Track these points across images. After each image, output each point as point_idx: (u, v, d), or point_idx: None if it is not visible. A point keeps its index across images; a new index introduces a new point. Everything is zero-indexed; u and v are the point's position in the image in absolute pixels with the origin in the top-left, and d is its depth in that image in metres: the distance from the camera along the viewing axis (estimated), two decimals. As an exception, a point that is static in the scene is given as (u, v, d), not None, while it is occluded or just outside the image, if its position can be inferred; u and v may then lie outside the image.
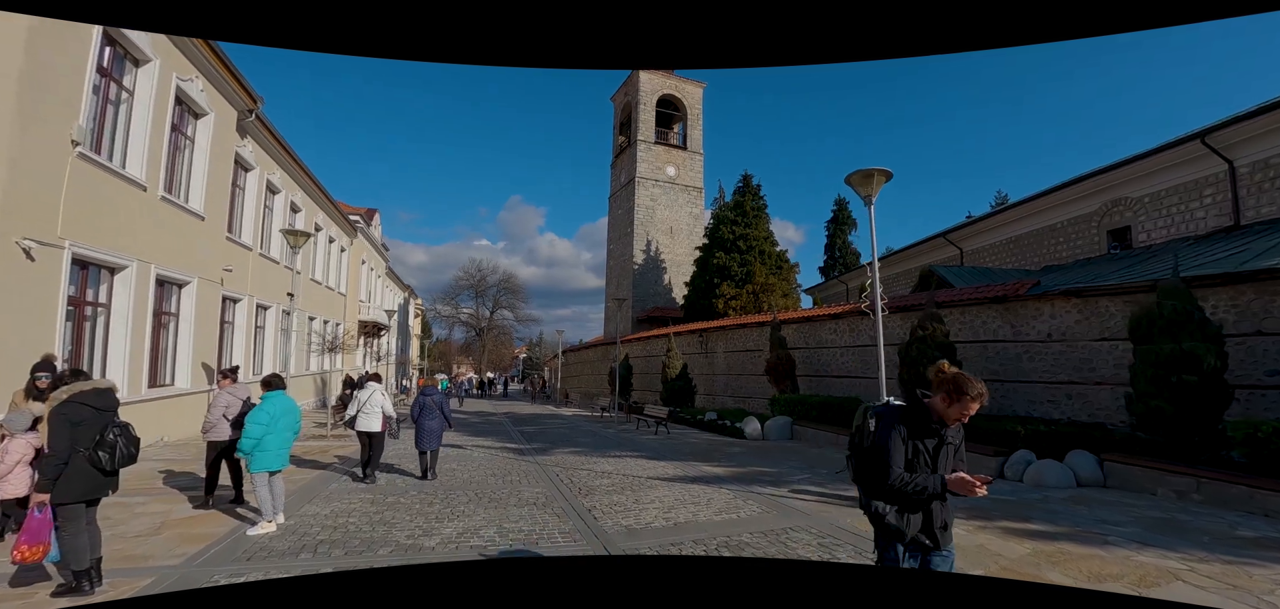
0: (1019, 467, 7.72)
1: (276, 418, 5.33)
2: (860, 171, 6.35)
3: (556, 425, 17.17)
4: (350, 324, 26.74)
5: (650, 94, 32.89)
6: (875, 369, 14.43)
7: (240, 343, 14.23)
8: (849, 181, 6.49)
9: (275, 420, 5.31)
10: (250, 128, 14.20)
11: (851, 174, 6.41)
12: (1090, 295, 10.25)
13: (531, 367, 71.22)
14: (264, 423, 5.23)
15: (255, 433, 5.19)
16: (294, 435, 5.56)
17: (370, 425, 7.75)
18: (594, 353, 34.16)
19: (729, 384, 19.91)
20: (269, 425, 5.25)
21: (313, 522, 5.48)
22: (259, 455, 5.19)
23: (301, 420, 5.78)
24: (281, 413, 5.40)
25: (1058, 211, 17.51)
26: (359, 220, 27.55)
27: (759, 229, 25.67)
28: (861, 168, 6.35)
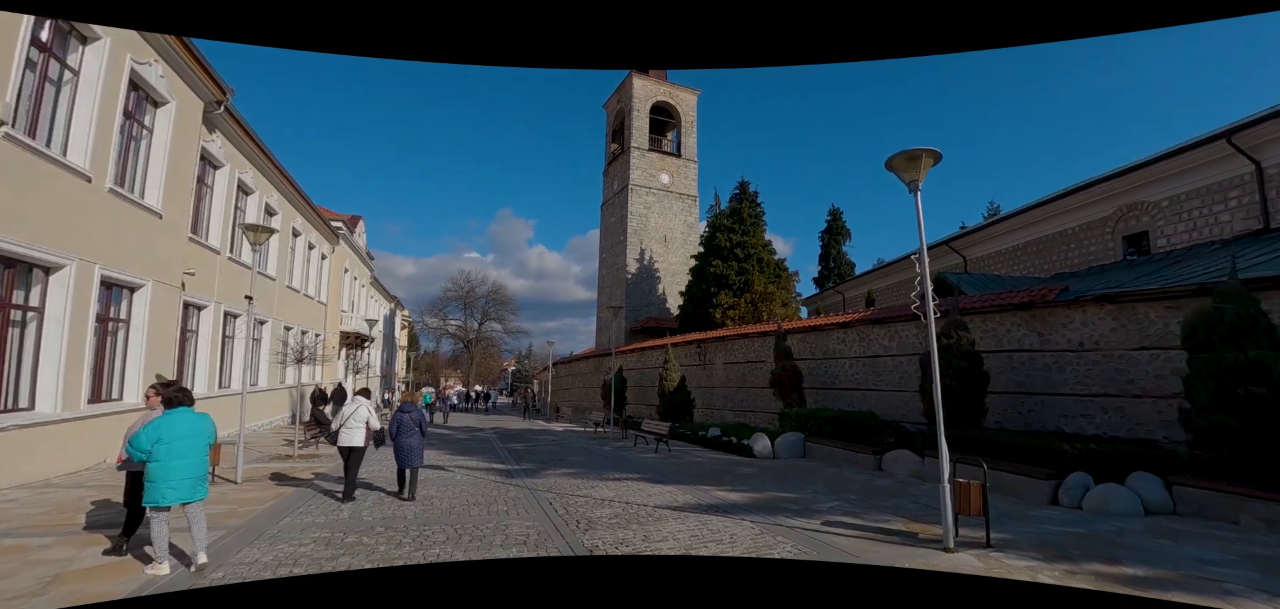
0: (1076, 492, 6.89)
1: (173, 441, 4.38)
2: (904, 154, 5.55)
3: (547, 442, 16.13)
4: (331, 335, 25.53)
5: (644, 100, 32.25)
6: (891, 380, 13.73)
7: (204, 353, 13.08)
8: (891, 166, 5.68)
9: (171, 444, 4.37)
10: (219, 121, 13.17)
11: (894, 157, 5.60)
12: (1127, 301, 9.54)
13: (520, 379, 69.87)
14: (147, 447, 4.32)
15: (141, 445, 4.34)
16: (201, 463, 4.60)
17: (353, 440, 7.45)
18: (586, 365, 33.13)
19: (729, 397, 19.03)
20: (162, 447, 4.32)
21: (246, 570, 4.48)
22: (148, 487, 4.31)
23: (214, 441, 4.84)
24: (180, 435, 4.46)
25: (1069, 217, 16.95)
26: (341, 227, 26.44)
27: (757, 237, 24.95)
28: (903, 150, 5.54)
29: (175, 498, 4.43)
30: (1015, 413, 10.76)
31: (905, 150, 5.57)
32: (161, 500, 4.34)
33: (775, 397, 14.87)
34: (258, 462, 9.98)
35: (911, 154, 5.54)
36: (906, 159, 5.57)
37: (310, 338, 19.32)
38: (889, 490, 8.23)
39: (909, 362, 12.79)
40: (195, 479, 4.58)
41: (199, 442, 4.69)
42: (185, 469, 4.52)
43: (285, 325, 18.98)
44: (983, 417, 10.05)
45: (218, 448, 7.45)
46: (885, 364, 13.41)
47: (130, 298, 10.06)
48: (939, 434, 5.34)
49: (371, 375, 26.21)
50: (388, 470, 8.74)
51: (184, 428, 4.60)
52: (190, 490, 4.53)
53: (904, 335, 13.02)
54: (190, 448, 4.60)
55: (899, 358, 13.06)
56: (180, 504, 4.43)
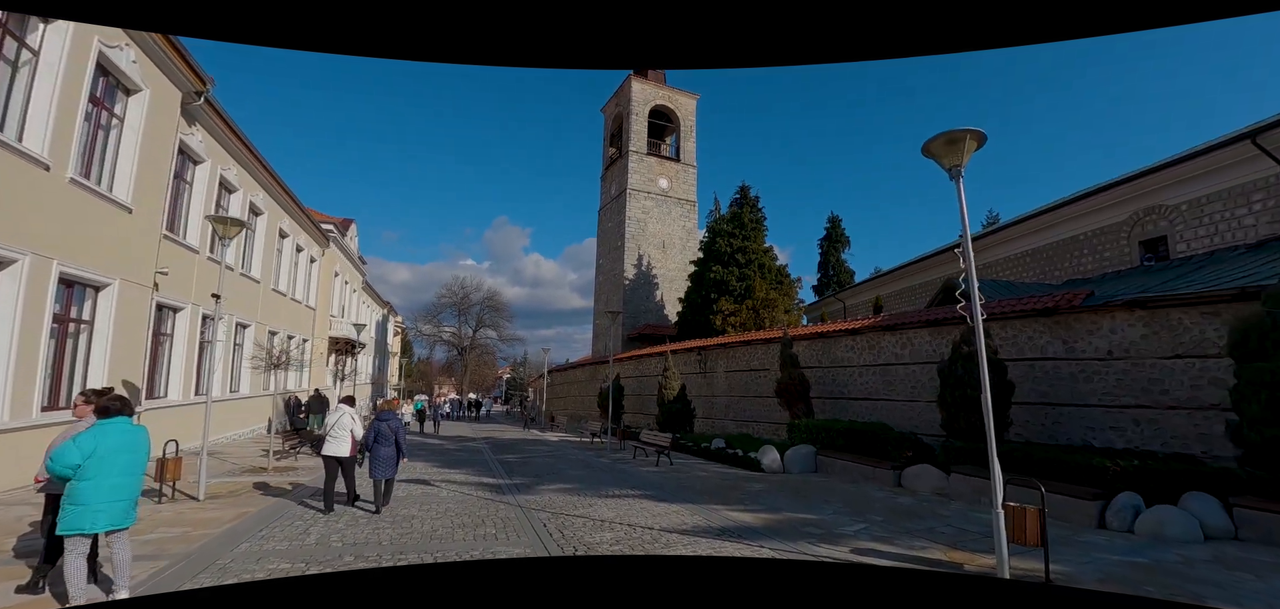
0: (1125, 513, 6.28)
1: (107, 456, 3.72)
2: (943, 136, 4.97)
3: (542, 454, 15.43)
4: (319, 340, 24.77)
5: (642, 104, 31.78)
6: (903, 390, 13.12)
7: (179, 358, 12.35)
8: (929, 151, 5.10)
9: (105, 459, 3.70)
10: (199, 114, 12.52)
11: (932, 140, 5.03)
12: (1159, 306, 8.99)
13: (515, 387, 68.99)
14: (76, 462, 3.65)
15: (69, 460, 3.65)
16: (136, 483, 3.94)
17: (338, 450, 7.32)
18: (582, 373, 32.41)
19: (731, 407, 18.38)
20: (94, 463, 3.66)
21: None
22: (69, 510, 3.62)
23: (148, 461, 4.14)
24: (116, 450, 3.80)
25: (1081, 222, 16.48)
26: (332, 230, 25.75)
27: (758, 242, 24.40)
28: (944, 130, 4.97)
29: (105, 523, 3.77)
30: (1038, 425, 10.18)
31: (945, 133, 4.99)
32: (87, 526, 3.68)
33: (781, 406, 14.24)
34: (228, 475, 9.26)
35: (952, 136, 4.96)
36: (946, 142, 4.99)
37: (290, 341, 18.56)
38: (915, 510, 7.60)
39: (923, 370, 12.20)
40: (129, 503, 3.92)
41: (136, 457, 4.03)
42: (120, 490, 3.86)
43: (270, 329, 18.25)
44: (1007, 429, 9.45)
45: (179, 462, 6.75)
46: (897, 373, 12.82)
47: (94, 297, 9.35)
48: (991, 452, 4.72)
49: (358, 382, 25.38)
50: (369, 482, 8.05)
51: (120, 441, 3.94)
52: (123, 515, 3.87)
53: (917, 343, 12.44)
54: (127, 465, 3.94)
55: (912, 367, 12.47)
56: (108, 531, 3.77)
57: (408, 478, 9.72)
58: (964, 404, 9.26)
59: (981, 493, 8.34)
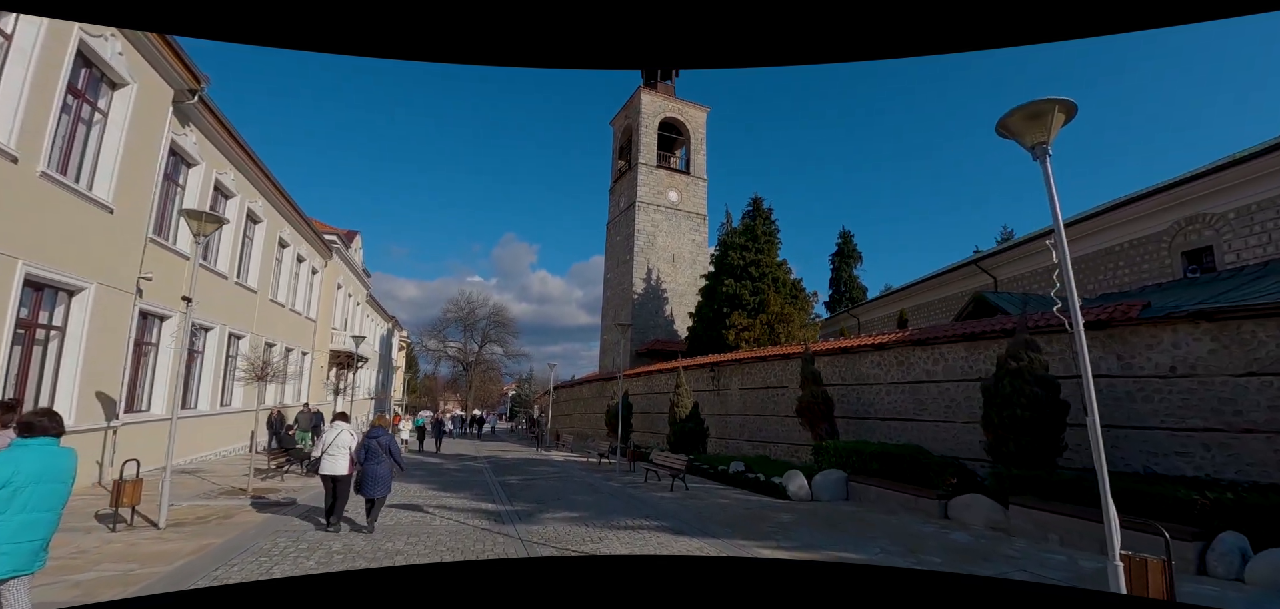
0: (1232, 558, 5.38)
1: (24, 487, 2.96)
2: (1023, 110, 4.21)
3: (546, 475, 14.57)
4: (319, 353, 24.14)
5: (652, 116, 31.33)
6: (936, 409, 12.19)
7: (164, 369, 11.67)
8: (1005, 128, 4.34)
9: (21, 491, 2.94)
10: (193, 113, 12.00)
11: (1010, 115, 4.26)
12: (1228, 318, 8.12)
13: (520, 404, 68.12)
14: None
15: None
16: (54, 520, 3.17)
17: (336, 468, 7.14)
18: (589, 390, 31.56)
19: (746, 426, 17.47)
20: (5, 494, 2.90)
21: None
22: None
23: (70, 491, 3.32)
24: (35, 478, 3.03)
25: (1116, 232, 15.63)
26: (336, 241, 25.24)
27: (771, 255, 23.63)
28: (1025, 102, 4.21)
29: (6, 568, 3.00)
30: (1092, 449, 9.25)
31: (1025, 105, 4.23)
32: None
33: (802, 426, 13.35)
34: (202, 497, 8.49)
35: (1034, 109, 4.20)
36: (1026, 117, 4.23)
37: (280, 352, 17.87)
38: (975, 550, 6.71)
39: (958, 388, 11.32)
40: (40, 544, 3.15)
41: (58, 489, 3.26)
42: (31, 528, 3.09)
43: (267, 341, 17.60)
44: (1061, 454, 8.55)
45: (138, 485, 5.99)
46: (929, 391, 11.93)
47: (68, 302, 8.70)
48: (1103, 490, 3.88)
49: (355, 398, 24.62)
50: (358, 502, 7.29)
51: (42, 468, 3.16)
52: (29, 559, 3.10)
53: (951, 359, 11.57)
54: (46, 498, 3.16)
55: (946, 384, 11.59)
56: (5, 578, 3.00)
57: (399, 502, 8.92)
58: (1013, 426, 8.37)
59: (1048, 529, 7.43)
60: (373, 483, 7.03)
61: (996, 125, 4.43)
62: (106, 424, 9.29)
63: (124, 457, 8.78)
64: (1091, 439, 3.89)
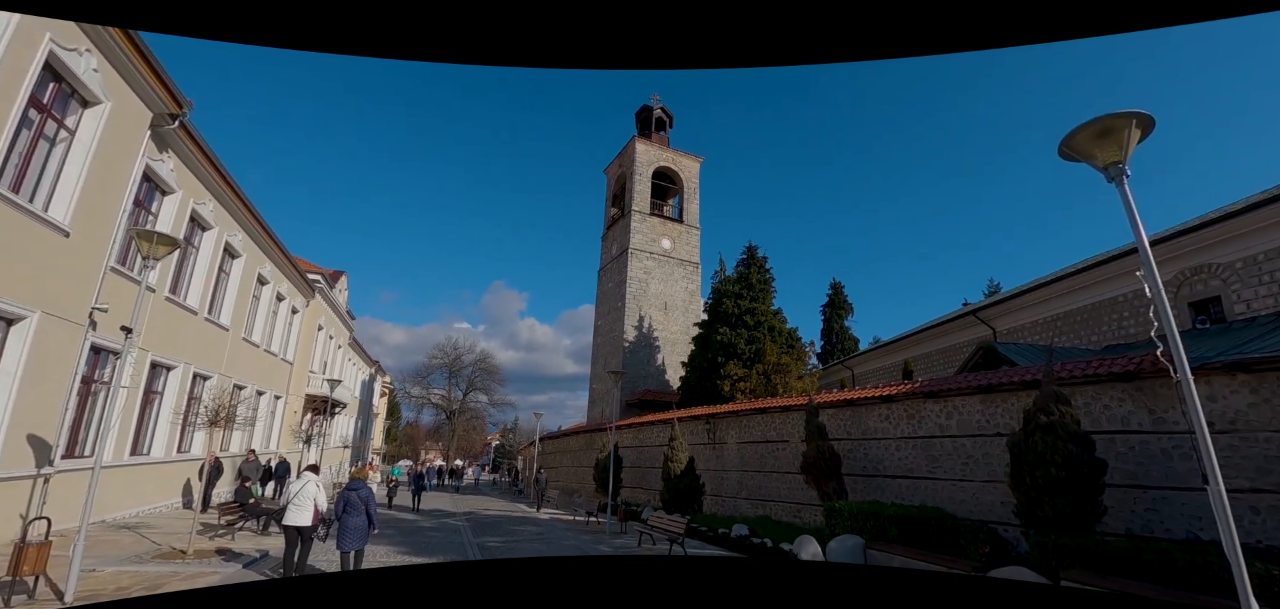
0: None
1: None
2: (1094, 126, 3.77)
3: (530, 537, 13.44)
4: (294, 398, 22.88)
5: (646, 165, 31.54)
6: (951, 467, 11.46)
7: (118, 408, 10.60)
8: (1069, 149, 3.88)
9: None
10: (172, 139, 11.44)
11: (1078, 132, 3.81)
12: (1267, 369, 7.66)
13: (504, 455, 65.79)
14: None
15: None
16: None
17: (299, 520, 7.06)
18: (576, 441, 30.29)
19: (745, 483, 16.51)
20: None
21: None
22: None
23: None
24: None
25: (1118, 283, 15.44)
26: (319, 280, 24.42)
27: (766, 303, 23.23)
28: (1094, 118, 3.77)
29: None
30: (1127, 511, 8.57)
31: (1096, 121, 3.79)
32: None
33: (807, 484, 12.51)
34: (135, 560, 7.37)
35: (1106, 125, 3.75)
36: (1098, 134, 3.78)
37: (247, 395, 16.72)
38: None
39: (975, 444, 10.66)
40: None
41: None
42: None
43: (236, 383, 16.50)
44: (1100, 518, 7.85)
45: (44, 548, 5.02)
46: (942, 447, 11.25)
47: (5, 331, 7.80)
48: (1238, 575, 3.21)
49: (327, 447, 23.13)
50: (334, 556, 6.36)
51: None
52: None
53: (966, 412, 10.96)
54: None
55: (961, 439, 10.93)
56: None
57: (365, 567, 7.88)
58: (1048, 487, 7.69)
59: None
60: (350, 536, 6.93)
61: (1060, 147, 3.98)
62: (36, 472, 8.22)
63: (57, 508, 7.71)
64: (1216, 509, 3.24)
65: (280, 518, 7.26)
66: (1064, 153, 3.94)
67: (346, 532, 6.89)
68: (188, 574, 6.56)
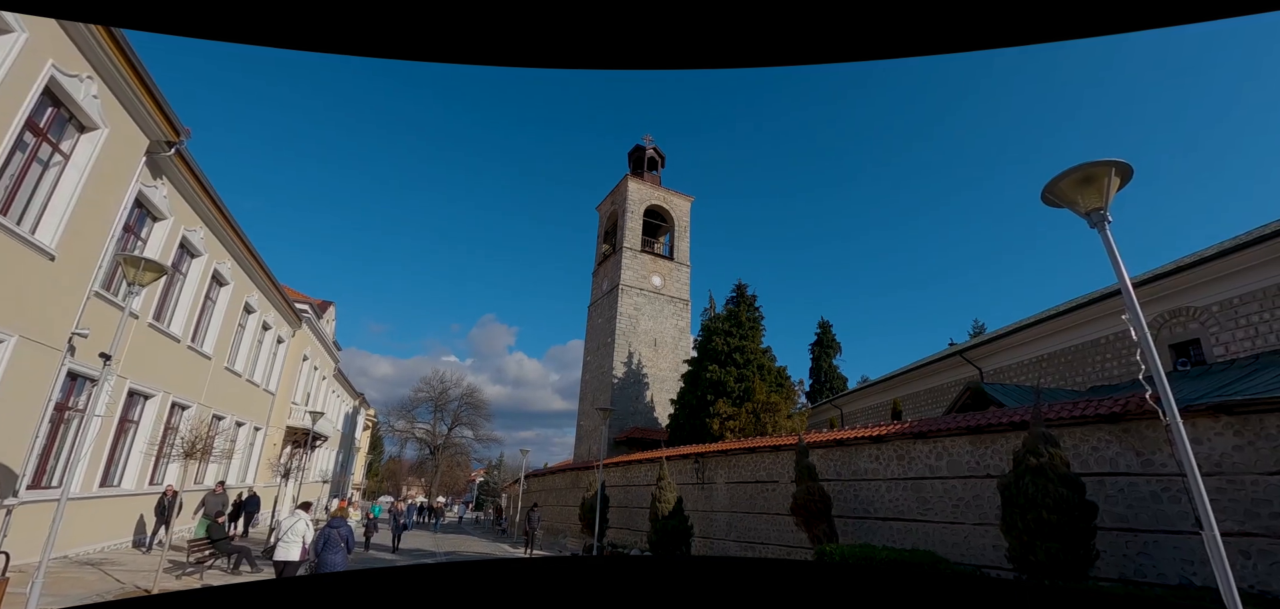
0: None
1: None
2: (1075, 173, 3.92)
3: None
4: (275, 430, 22.29)
5: (638, 203, 32.01)
6: (941, 510, 11.40)
7: (91, 437, 10.25)
8: (1053, 195, 4.03)
9: None
10: (167, 166, 11.45)
11: (1060, 180, 3.96)
12: (1250, 411, 7.79)
13: (488, 492, 64.21)
14: None
15: None
16: None
17: (288, 555, 7.47)
18: (562, 479, 29.72)
19: (734, 525, 16.24)
20: None
21: None
22: None
23: None
24: None
25: (1100, 325, 15.78)
26: (307, 310, 24.17)
27: (755, 341, 23.31)
28: (1074, 166, 3.93)
29: None
30: (1119, 556, 8.54)
31: (1077, 168, 3.95)
32: None
33: (798, 526, 12.34)
34: (95, 600, 7.03)
35: (1088, 172, 3.91)
36: (1079, 182, 3.94)
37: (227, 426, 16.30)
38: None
39: (965, 486, 10.63)
40: None
41: None
42: None
43: (215, 413, 16.08)
44: (1093, 562, 7.81)
45: (2, 585, 4.78)
46: (933, 489, 11.20)
47: (-21, 356, 7.58)
48: None
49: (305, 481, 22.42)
50: None
51: None
52: None
53: (955, 453, 10.96)
54: None
55: (951, 481, 10.90)
56: None
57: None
58: (1040, 530, 7.66)
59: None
60: (327, 571, 7.05)
61: (1043, 193, 4.13)
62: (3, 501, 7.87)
63: (18, 542, 7.37)
64: (1212, 555, 3.26)
65: (271, 554, 7.60)
66: (1047, 199, 4.08)
67: (324, 567, 7.06)
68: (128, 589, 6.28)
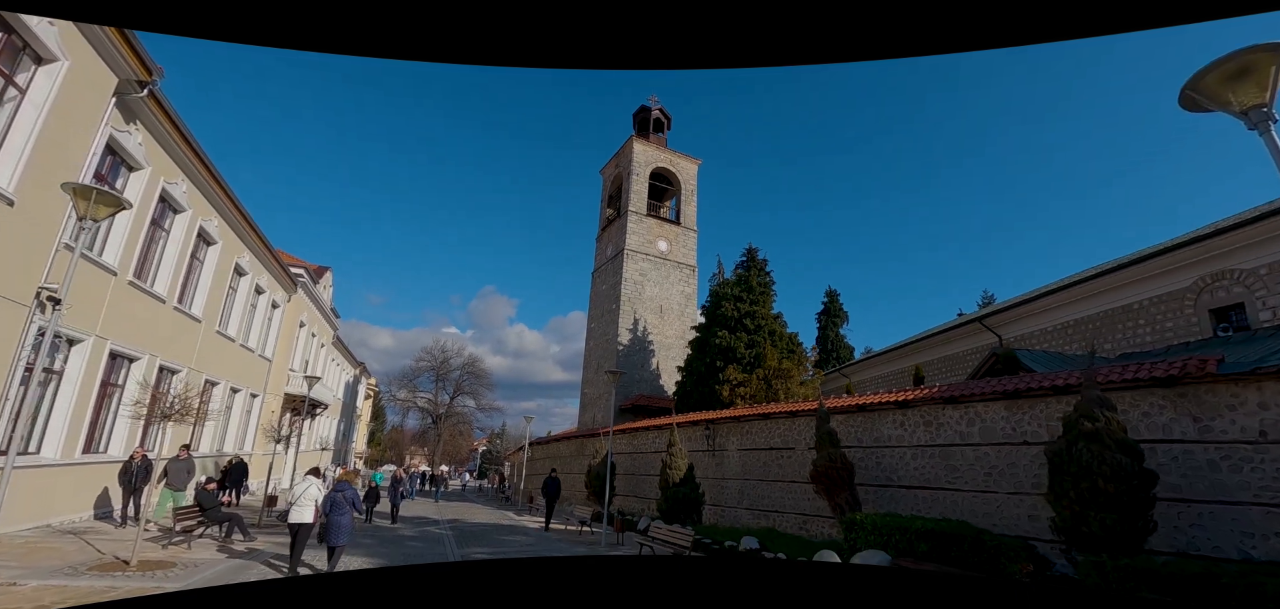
0: None
1: None
2: (1226, 64, 3.12)
3: (518, 549, 12.59)
4: (272, 397, 21.78)
5: (644, 165, 30.92)
6: (972, 478, 10.81)
7: (64, 401, 9.64)
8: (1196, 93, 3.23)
9: None
10: (141, 110, 10.57)
11: (1205, 74, 3.17)
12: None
13: (491, 461, 64.54)
14: None
15: None
16: None
17: (302, 517, 7.98)
18: (567, 447, 29.40)
19: (746, 492, 15.78)
20: None
21: None
22: None
23: None
24: None
25: (1134, 290, 15.02)
26: (302, 274, 23.40)
27: (766, 307, 22.60)
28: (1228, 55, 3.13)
29: None
30: (1171, 528, 7.96)
31: (1227, 58, 3.14)
32: None
33: (817, 494, 11.82)
34: (68, 572, 6.45)
35: (1243, 62, 3.11)
36: (1230, 76, 3.13)
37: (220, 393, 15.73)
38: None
39: (999, 454, 10.04)
40: None
41: None
42: None
43: (209, 379, 15.50)
44: (1147, 535, 7.22)
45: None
46: (962, 456, 10.62)
47: (-69, 309, 6.88)
48: None
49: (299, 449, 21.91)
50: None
51: None
52: None
53: (989, 419, 10.34)
54: None
55: (984, 449, 10.31)
56: None
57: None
58: (1094, 500, 7.05)
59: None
60: (335, 532, 7.80)
61: (1182, 93, 3.32)
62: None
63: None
64: None
65: (285, 518, 8.39)
66: (1188, 100, 3.29)
67: (331, 528, 7.80)
68: (128, 589, 5.68)
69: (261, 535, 10.50)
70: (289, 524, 8.01)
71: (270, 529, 11.67)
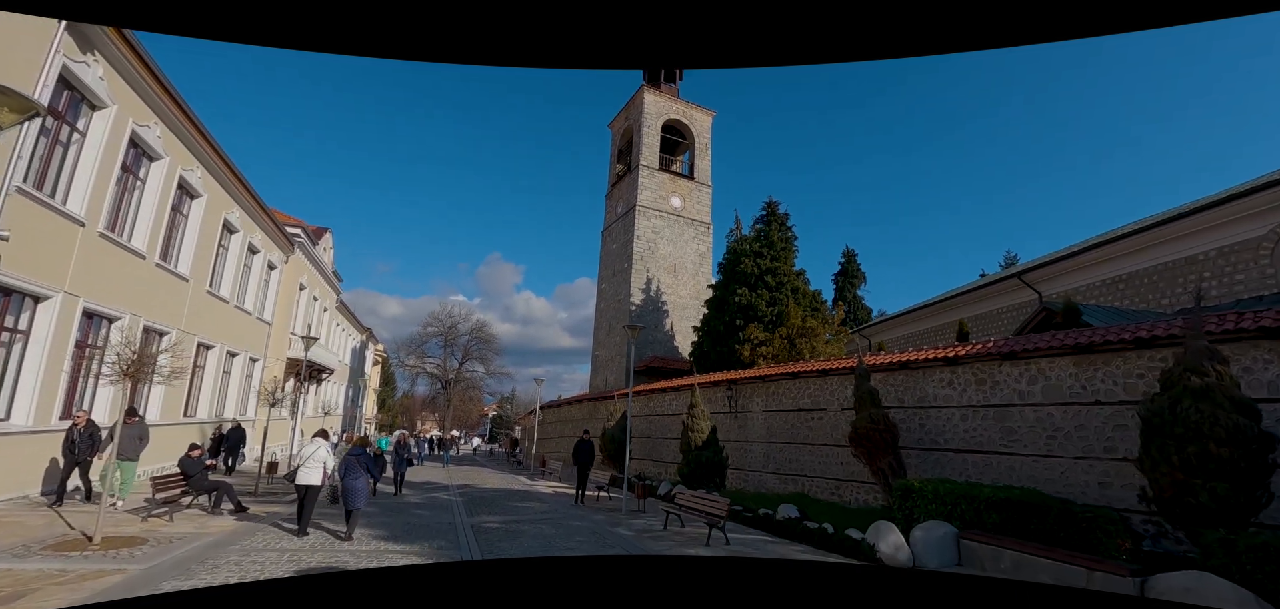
0: None
1: None
2: None
3: (533, 516, 11.82)
4: (274, 362, 21.08)
5: (655, 117, 29.28)
6: (1033, 442, 9.60)
7: (33, 363, 8.79)
8: None
9: None
10: (98, 39, 9.38)
11: None
12: None
13: (501, 425, 64.69)
14: None
15: None
16: None
17: (310, 479, 7.96)
18: (580, 410, 28.75)
19: (771, 456, 14.95)
20: None
21: None
22: None
23: None
24: None
25: (1197, 240, 13.69)
26: (299, 234, 22.37)
27: (788, 263, 21.41)
28: None
29: None
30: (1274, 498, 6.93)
31: None
32: None
33: (856, 457, 10.89)
34: (20, 551, 5.62)
35: None
36: None
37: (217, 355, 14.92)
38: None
39: (1064, 415, 9.00)
40: None
41: None
42: None
43: (202, 342, 14.70)
44: (1263, 507, 6.19)
45: None
46: (1021, 418, 9.60)
47: None
48: None
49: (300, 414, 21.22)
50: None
51: None
52: None
53: (1054, 376, 9.26)
54: None
55: (1047, 409, 9.27)
56: None
57: (330, 562, 6.22)
58: (1204, 467, 6.00)
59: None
60: (352, 495, 7.78)
61: None
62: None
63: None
64: None
65: (293, 479, 8.36)
66: None
67: (349, 492, 7.79)
68: (77, 574, 4.83)
69: (258, 504, 9.77)
70: (297, 486, 8.03)
71: (269, 497, 10.96)
